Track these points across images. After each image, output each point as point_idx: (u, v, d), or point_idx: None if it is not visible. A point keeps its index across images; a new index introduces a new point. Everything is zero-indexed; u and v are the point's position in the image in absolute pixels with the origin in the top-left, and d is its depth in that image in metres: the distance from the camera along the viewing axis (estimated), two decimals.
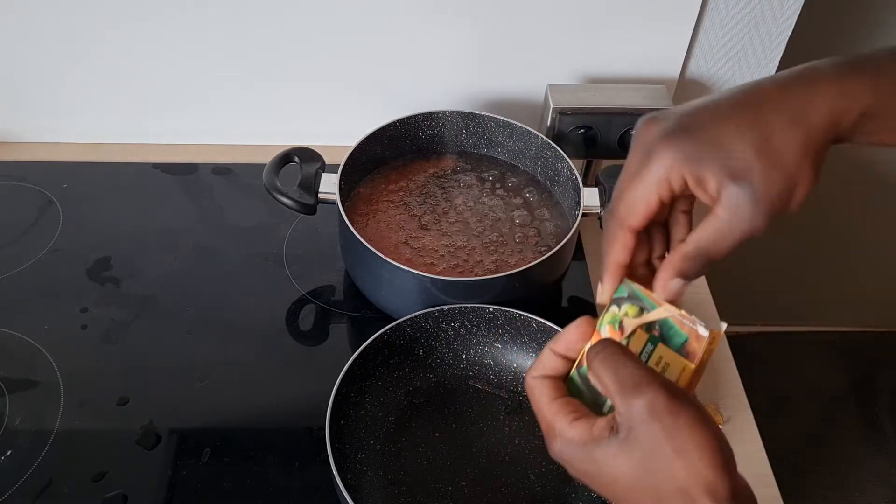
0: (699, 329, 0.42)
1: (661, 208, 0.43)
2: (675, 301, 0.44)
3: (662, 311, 0.43)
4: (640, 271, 0.47)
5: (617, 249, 0.44)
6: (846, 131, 0.41)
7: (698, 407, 0.38)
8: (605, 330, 0.44)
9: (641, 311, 0.44)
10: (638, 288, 0.44)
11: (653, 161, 0.41)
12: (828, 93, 0.40)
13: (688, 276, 0.43)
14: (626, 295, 0.44)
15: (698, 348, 0.42)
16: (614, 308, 0.44)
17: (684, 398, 0.38)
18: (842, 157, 0.70)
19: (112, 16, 0.82)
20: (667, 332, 0.43)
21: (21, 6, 0.80)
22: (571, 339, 0.44)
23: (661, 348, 0.43)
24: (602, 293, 0.45)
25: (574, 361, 0.45)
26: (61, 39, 0.83)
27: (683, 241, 0.43)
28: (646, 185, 0.42)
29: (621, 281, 0.45)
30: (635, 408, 0.38)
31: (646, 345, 0.43)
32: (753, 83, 0.42)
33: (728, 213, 0.40)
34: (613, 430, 0.39)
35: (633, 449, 0.38)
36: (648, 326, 0.43)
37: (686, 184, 0.41)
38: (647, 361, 0.43)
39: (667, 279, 0.43)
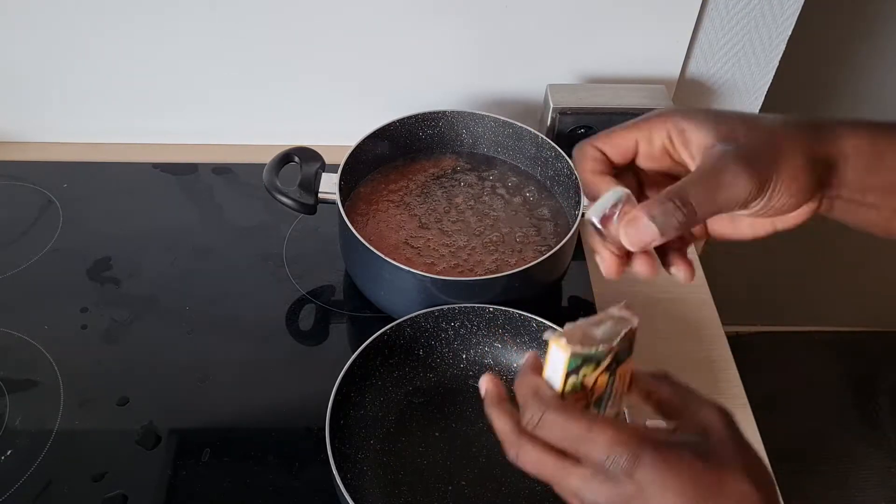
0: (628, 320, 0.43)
1: (634, 151, 0.45)
2: (647, 246, 0.43)
3: (609, 348, 0.42)
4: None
5: (587, 161, 0.45)
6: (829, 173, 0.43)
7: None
8: (570, 398, 0.43)
9: (598, 363, 0.42)
10: (581, 350, 0.42)
11: (646, 115, 0.44)
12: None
13: (656, 216, 0.41)
14: (576, 366, 0.42)
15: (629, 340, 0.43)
16: (572, 378, 0.43)
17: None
18: None
19: (112, 16, 0.82)
20: (620, 355, 0.43)
21: (21, 6, 0.80)
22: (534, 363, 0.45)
23: (620, 369, 0.44)
24: (589, 207, 0.45)
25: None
26: (61, 39, 0.83)
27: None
28: (630, 126, 0.44)
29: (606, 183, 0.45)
30: (709, 414, 0.41)
31: (609, 378, 0.43)
32: None
33: (709, 160, 0.42)
34: (686, 435, 0.41)
35: (708, 454, 0.39)
36: (607, 367, 0.43)
37: (669, 138, 0.43)
38: (611, 388, 0.44)
39: (641, 217, 0.41)
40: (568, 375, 0.42)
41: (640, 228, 0.41)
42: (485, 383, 0.46)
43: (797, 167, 0.42)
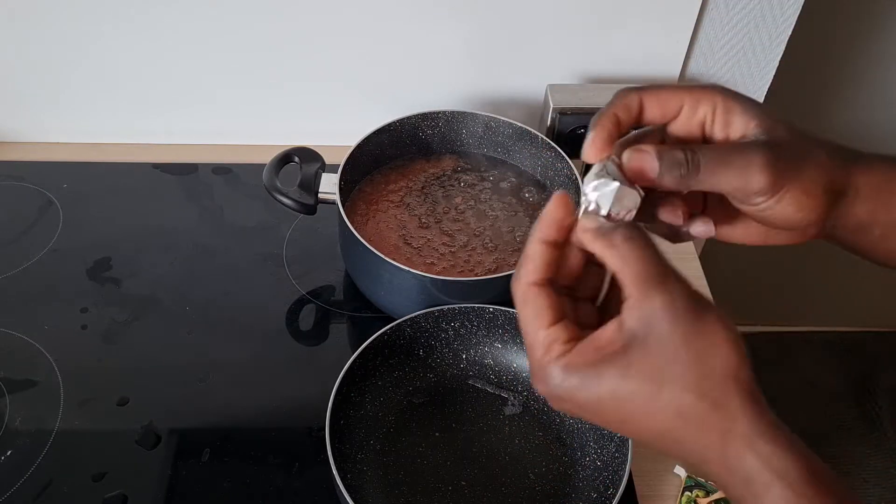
0: None
1: (676, 113, 0.43)
2: (637, 176, 0.40)
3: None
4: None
5: (620, 105, 0.42)
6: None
7: (718, 308, 0.37)
8: None
9: (707, 493, 0.45)
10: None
11: (697, 84, 0.43)
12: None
13: (664, 158, 0.40)
14: (692, 483, 0.54)
15: None
16: (687, 494, 0.52)
17: (705, 298, 0.37)
18: None
19: (112, 16, 0.82)
20: None
21: (21, 6, 0.80)
22: (558, 216, 0.40)
23: None
24: (587, 145, 0.41)
25: (562, 244, 0.40)
26: (61, 39, 0.83)
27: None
28: (681, 89, 0.42)
29: (609, 140, 0.41)
30: (655, 303, 0.36)
31: None
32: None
33: (738, 144, 0.41)
34: (624, 336, 0.37)
35: (652, 353, 0.36)
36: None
37: (713, 111, 0.42)
38: None
39: (649, 151, 0.40)
40: (683, 492, 0.60)
41: (644, 158, 0.40)
42: None
43: (815, 186, 0.41)
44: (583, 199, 0.40)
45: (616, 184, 0.39)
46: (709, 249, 1.13)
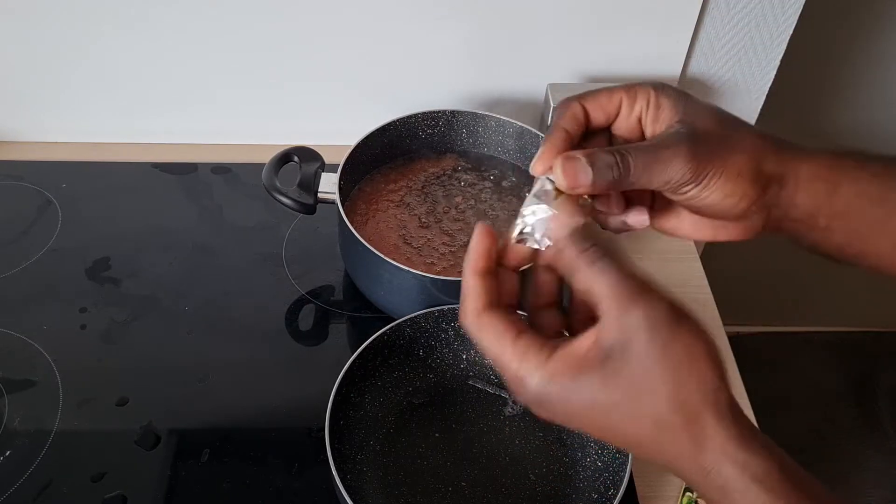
0: None
1: (617, 112, 0.44)
2: (572, 185, 0.40)
3: None
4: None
5: (566, 117, 0.43)
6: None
7: (697, 320, 0.37)
8: None
9: None
10: None
11: (633, 82, 0.44)
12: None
13: (596, 163, 0.40)
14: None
15: None
16: (688, 494, 0.57)
17: (684, 310, 0.37)
18: None
19: (112, 16, 0.82)
20: None
21: (21, 6, 0.80)
22: (484, 247, 0.40)
23: None
24: (535, 160, 0.42)
25: (495, 270, 0.40)
26: (61, 39, 0.83)
27: None
28: (617, 88, 0.44)
29: (557, 154, 0.42)
30: (633, 318, 0.36)
31: None
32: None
33: (660, 135, 0.42)
34: (602, 349, 0.37)
35: (630, 367, 0.36)
36: None
37: (647, 106, 0.43)
38: None
39: (579, 159, 0.40)
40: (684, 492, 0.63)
41: (577, 169, 0.40)
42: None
43: (741, 171, 0.42)
44: (519, 220, 0.41)
45: (551, 212, 0.40)
46: (709, 249, 1.13)
